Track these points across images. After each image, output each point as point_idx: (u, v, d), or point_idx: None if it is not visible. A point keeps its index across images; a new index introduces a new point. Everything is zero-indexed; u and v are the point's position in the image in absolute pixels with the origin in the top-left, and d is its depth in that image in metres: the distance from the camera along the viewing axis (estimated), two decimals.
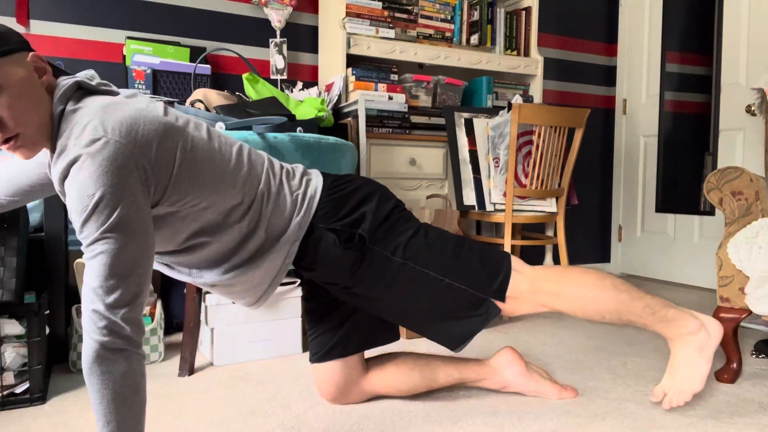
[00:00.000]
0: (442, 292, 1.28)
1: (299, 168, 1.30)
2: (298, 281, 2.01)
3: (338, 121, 2.39)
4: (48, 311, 1.76)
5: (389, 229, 1.27)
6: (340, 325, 1.42)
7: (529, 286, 1.32)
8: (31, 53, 1.01)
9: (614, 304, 1.32)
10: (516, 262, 1.35)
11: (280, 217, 1.19)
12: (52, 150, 1.03)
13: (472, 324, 1.32)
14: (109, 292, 0.92)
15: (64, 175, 0.96)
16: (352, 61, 2.61)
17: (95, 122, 0.95)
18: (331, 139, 1.83)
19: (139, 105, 1.02)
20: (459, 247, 1.31)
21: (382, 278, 1.25)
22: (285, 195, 1.21)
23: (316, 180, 1.27)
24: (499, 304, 1.32)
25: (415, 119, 2.56)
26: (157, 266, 1.23)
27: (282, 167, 1.26)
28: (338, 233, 1.23)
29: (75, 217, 0.94)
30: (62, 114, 1.01)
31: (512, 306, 1.33)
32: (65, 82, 1.04)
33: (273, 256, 1.19)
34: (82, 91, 1.05)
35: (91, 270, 0.93)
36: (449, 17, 2.79)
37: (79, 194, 0.93)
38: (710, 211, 3.16)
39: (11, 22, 2.22)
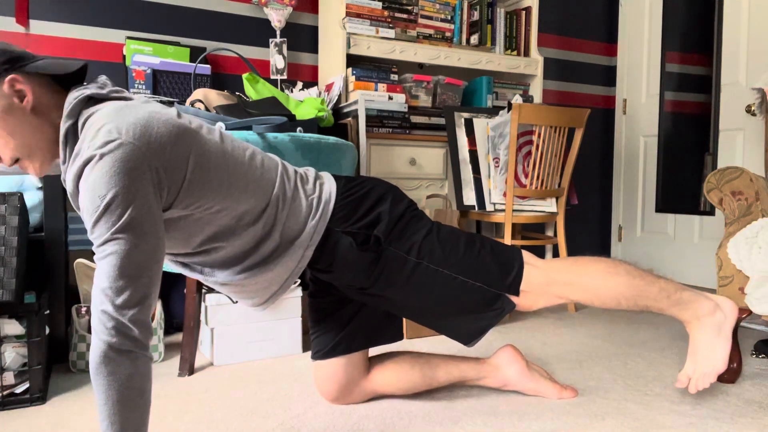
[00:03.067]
0: (457, 290, 1.28)
1: (311, 171, 1.31)
2: (299, 281, 2.01)
3: (338, 121, 2.39)
4: (48, 311, 1.76)
5: (403, 229, 1.27)
6: (345, 324, 1.43)
7: (543, 278, 1.32)
8: (6, 79, 1.01)
9: (629, 290, 1.32)
10: (528, 256, 1.36)
11: (295, 221, 1.19)
12: (64, 160, 1.04)
13: (487, 319, 1.33)
14: (118, 293, 0.92)
15: (78, 176, 0.96)
16: (352, 61, 2.61)
17: (109, 125, 0.96)
18: (331, 139, 1.83)
19: (152, 108, 1.03)
20: (471, 244, 1.31)
21: (398, 278, 1.26)
22: (300, 199, 1.21)
23: (329, 184, 1.27)
24: (514, 299, 1.32)
25: (415, 119, 2.56)
26: (170, 264, 1.24)
27: (296, 172, 1.26)
28: (354, 236, 1.23)
29: (86, 218, 0.94)
30: (74, 127, 1.02)
31: (528, 300, 1.33)
32: (75, 95, 1.04)
33: (286, 260, 1.19)
34: (94, 101, 1.06)
35: (101, 270, 0.93)
36: (449, 17, 2.79)
37: (91, 194, 0.93)
38: (710, 211, 3.16)
39: (11, 22, 2.22)
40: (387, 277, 1.26)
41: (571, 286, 1.33)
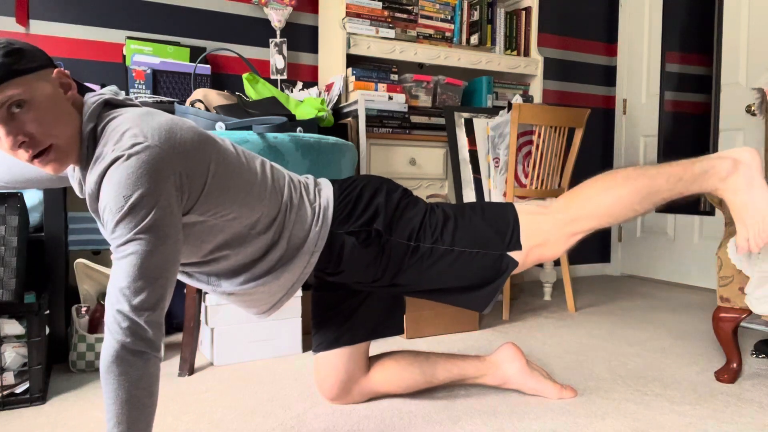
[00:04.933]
0: (459, 261, 1.29)
1: (311, 179, 1.33)
2: None
3: (338, 121, 2.39)
4: (48, 311, 1.76)
5: (400, 217, 1.29)
6: (348, 316, 1.44)
7: (549, 223, 1.30)
8: (56, 69, 1.04)
9: (638, 194, 1.28)
10: (527, 206, 1.34)
11: (301, 228, 1.21)
12: (84, 165, 1.04)
13: (495, 282, 1.32)
14: (136, 294, 0.93)
15: (102, 176, 0.97)
16: (352, 61, 2.61)
17: (135, 129, 0.97)
18: (331, 139, 1.83)
19: (171, 115, 1.05)
20: (462, 214, 1.32)
21: (403, 264, 1.28)
22: (305, 207, 1.23)
23: (327, 189, 1.30)
24: (517, 254, 1.30)
25: (415, 119, 2.56)
26: (177, 275, 1.23)
27: (300, 182, 1.28)
28: (357, 234, 1.25)
29: (108, 217, 0.95)
30: (94, 130, 1.03)
31: (549, 250, 1.31)
32: (93, 99, 1.06)
33: (292, 267, 1.21)
34: (111, 106, 1.08)
35: (120, 270, 0.94)
36: (449, 17, 2.79)
37: (117, 194, 0.94)
38: (710, 211, 3.16)
39: (11, 22, 2.22)
40: (394, 265, 1.28)
41: (580, 219, 1.29)
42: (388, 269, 1.28)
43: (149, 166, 0.94)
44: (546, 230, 1.29)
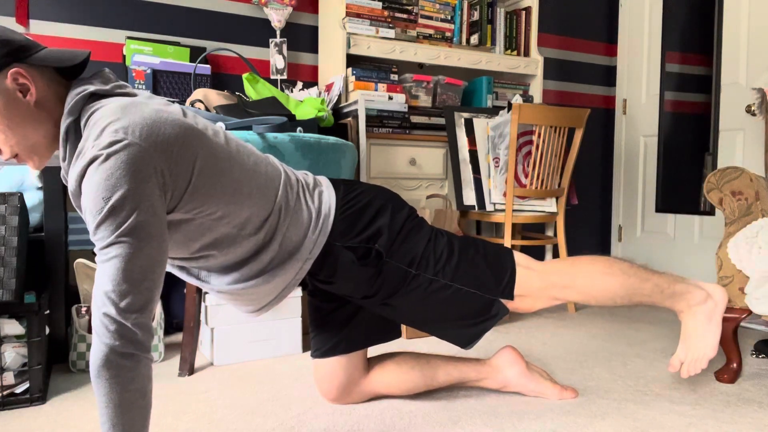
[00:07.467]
0: (454, 297, 1.30)
1: (310, 177, 1.29)
2: None
3: (338, 121, 2.39)
4: (48, 311, 1.76)
5: (403, 241, 1.28)
6: (345, 323, 1.43)
7: (540, 282, 1.34)
8: (10, 73, 0.97)
9: (624, 290, 1.36)
10: (524, 259, 1.38)
11: (296, 232, 1.18)
12: (64, 157, 1.01)
13: (483, 324, 1.35)
14: (122, 297, 0.91)
15: (81, 176, 0.94)
16: (352, 61, 2.61)
17: (116, 125, 0.93)
18: (331, 139, 1.83)
19: (158, 106, 1.00)
20: (465, 250, 1.33)
21: (399, 289, 1.27)
22: (302, 209, 1.20)
23: (329, 194, 1.26)
24: (509, 303, 1.35)
25: (415, 119, 2.56)
26: (168, 268, 1.22)
27: (298, 180, 1.24)
28: (355, 251, 1.23)
29: (90, 219, 0.92)
30: (75, 123, 1.00)
31: (527, 303, 1.37)
32: (77, 91, 1.01)
33: (283, 272, 1.18)
34: (96, 96, 1.03)
35: (104, 273, 0.91)
36: (449, 17, 2.79)
37: (96, 196, 0.90)
38: (710, 211, 3.16)
39: (11, 22, 2.22)
40: (388, 288, 1.27)
41: (568, 288, 1.35)
42: (382, 290, 1.27)
43: (129, 165, 0.90)
44: (533, 287, 1.35)
